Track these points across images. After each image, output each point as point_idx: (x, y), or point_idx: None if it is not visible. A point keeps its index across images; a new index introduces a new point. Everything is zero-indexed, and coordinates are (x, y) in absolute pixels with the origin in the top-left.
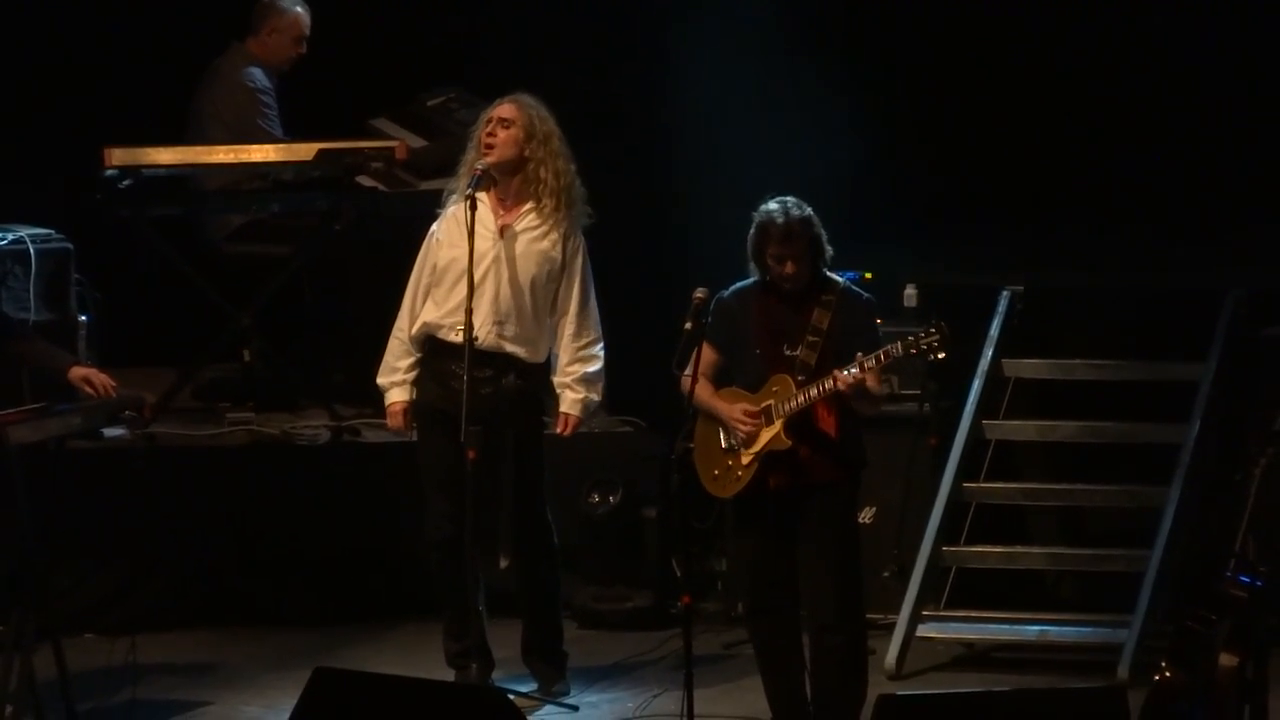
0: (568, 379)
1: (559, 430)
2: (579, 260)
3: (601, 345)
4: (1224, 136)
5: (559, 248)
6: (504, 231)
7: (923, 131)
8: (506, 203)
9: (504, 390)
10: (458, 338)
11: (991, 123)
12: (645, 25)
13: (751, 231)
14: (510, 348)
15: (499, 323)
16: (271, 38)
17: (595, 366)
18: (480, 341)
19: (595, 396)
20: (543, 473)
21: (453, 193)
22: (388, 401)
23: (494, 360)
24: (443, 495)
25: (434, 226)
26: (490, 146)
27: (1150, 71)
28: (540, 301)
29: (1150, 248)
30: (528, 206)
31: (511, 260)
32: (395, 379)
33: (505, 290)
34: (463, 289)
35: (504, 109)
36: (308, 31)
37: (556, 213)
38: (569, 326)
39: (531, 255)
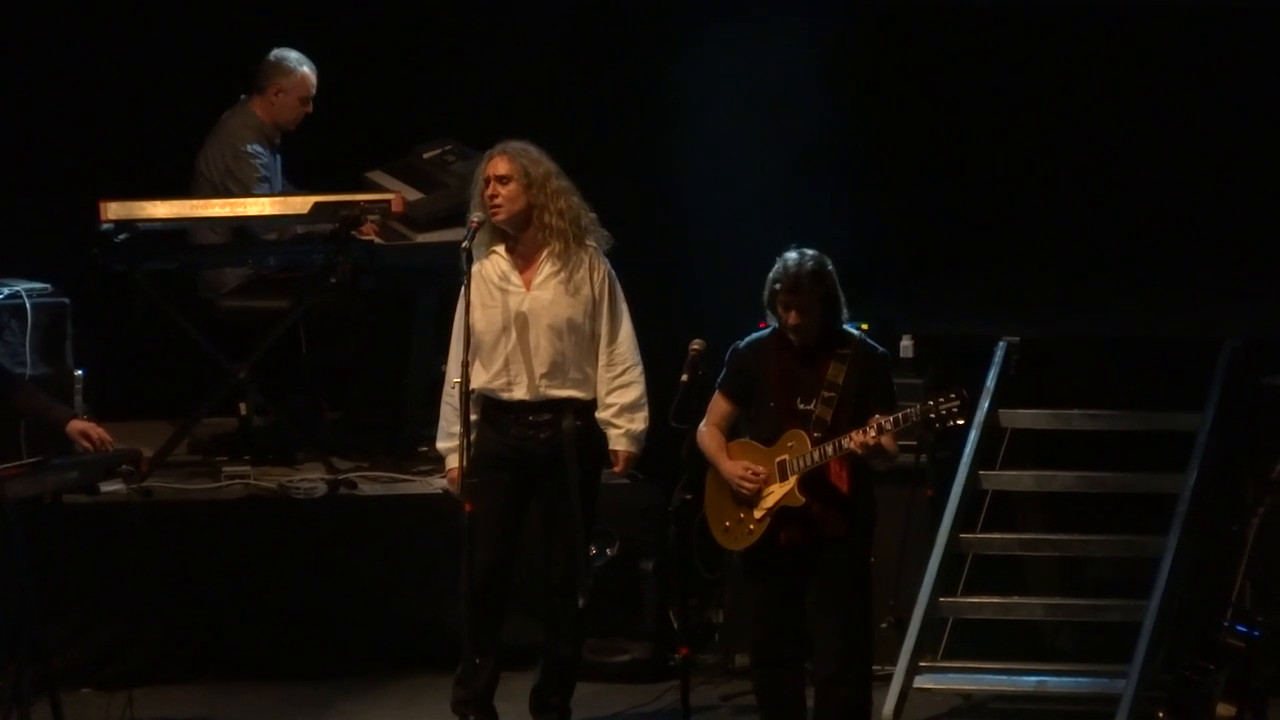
0: (608, 414)
1: (614, 468)
2: (606, 288)
3: (638, 370)
4: (1221, 186)
5: (587, 282)
6: (529, 283)
7: (919, 182)
8: (526, 254)
9: (564, 432)
10: (509, 394)
11: (988, 174)
12: (648, 81)
13: (769, 277)
14: (563, 393)
15: (545, 375)
16: (278, 98)
17: (632, 395)
18: (530, 398)
19: (638, 425)
20: (594, 515)
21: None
22: (446, 466)
23: (551, 405)
24: (484, 543)
25: (464, 289)
26: (497, 207)
27: (1146, 122)
28: (583, 339)
29: (1147, 298)
30: (544, 253)
31: (543, 309)
32: (449, 445)
33: (542, 340)
34: (503, 347)
35: (496, 165)
36: (314, 91)
37: (568, 250)
38: (602, 358)
39: (561, 299)
